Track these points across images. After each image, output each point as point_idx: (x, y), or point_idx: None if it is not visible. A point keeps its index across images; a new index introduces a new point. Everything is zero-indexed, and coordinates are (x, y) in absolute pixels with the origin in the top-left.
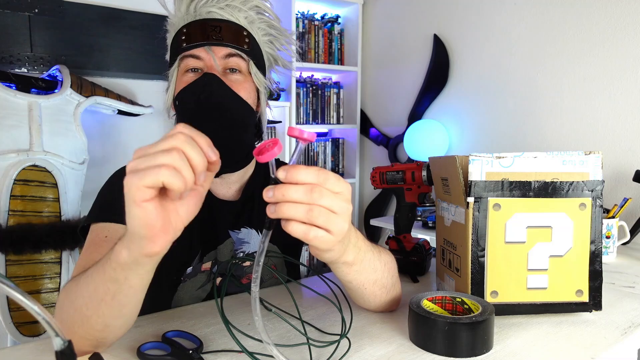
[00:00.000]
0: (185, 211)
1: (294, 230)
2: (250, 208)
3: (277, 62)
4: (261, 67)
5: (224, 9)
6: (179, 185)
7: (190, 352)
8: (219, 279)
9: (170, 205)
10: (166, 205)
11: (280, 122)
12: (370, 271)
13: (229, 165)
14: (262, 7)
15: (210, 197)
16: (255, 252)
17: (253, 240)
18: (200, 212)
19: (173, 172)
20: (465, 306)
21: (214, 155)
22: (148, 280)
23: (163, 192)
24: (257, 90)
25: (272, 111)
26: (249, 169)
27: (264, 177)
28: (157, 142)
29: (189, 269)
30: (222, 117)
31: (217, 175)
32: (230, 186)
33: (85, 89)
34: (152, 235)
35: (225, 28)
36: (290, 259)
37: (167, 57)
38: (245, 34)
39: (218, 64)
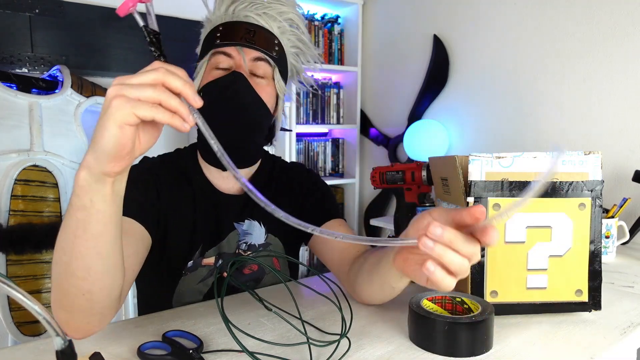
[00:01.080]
0: (146, 140)
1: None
2: (253, 201)
3: (298, 74)
4: (284, 75)
5: (261, 15)
6: (172, 122)
7: (191, 351)
8: (224, 274)
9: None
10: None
11: (291, 130)
12: None
13: (238, 163)
14: (296, 21)
15: (215, 192)
16: (257, 243)
17: (256, 232)
18: (205, 207)
19: (164, 109)
20: (465, 306)
21: (200, 101)
22: (115, 210)
23: None
24: (277, 96)
25: (286, 119)
26: (255, 165)
27: (268, 171)
28: (141, 73)
29: (190, 263)
30: (242, 116)
31: (224, 169)
32: (235, 181)
33: (86, 89)
34: (120, 156)
35: (259, 33)
36: (291, 259)
37: (198, 50)
38: (275, 42)
39: (247, 65)
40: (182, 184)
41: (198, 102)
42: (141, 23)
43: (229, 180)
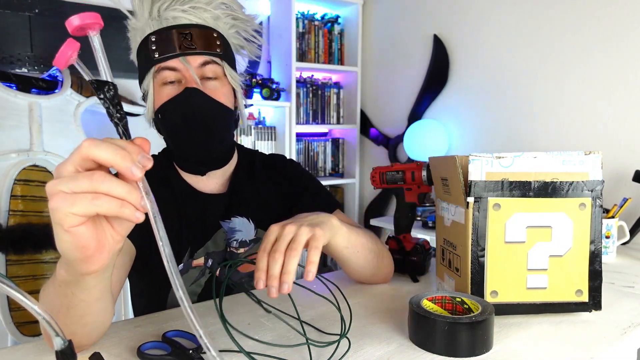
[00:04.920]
0: (120, 224)
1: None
2: (238, 199)
3: (243, 48)
4: (233, 65)
5: (189, 11)
6: (116, 211)
7: (190, 351)
8: (218, 271)
9: (104, 222)
10: (99, 223)
11: (252, 104)
12: (358, 236)
13: (214, 165)
14: (227, 2)
15: (196, 194)
16: (248, 239)
17: (245, 228)
18: (188, 209)
19: (107, 199)
20: (465, 306)
21: (149, 162)
22: (101, 292)
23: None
24: (234, 89)
25: (246, 100)
26: (233, 162)
27: (247, 165)
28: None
29: (180, 266)
30: (207, 128)
31: (202, 174)
32: (215, 180)
33: (86, 89)
34: (87, 257)
35: (196, 34)
36: None
37: (132, 57)
38: (215, 35)
39: (196, 75)
40: (162, 189)
41: (137, 174)
42: (87, 77)
43: (208, 181)
